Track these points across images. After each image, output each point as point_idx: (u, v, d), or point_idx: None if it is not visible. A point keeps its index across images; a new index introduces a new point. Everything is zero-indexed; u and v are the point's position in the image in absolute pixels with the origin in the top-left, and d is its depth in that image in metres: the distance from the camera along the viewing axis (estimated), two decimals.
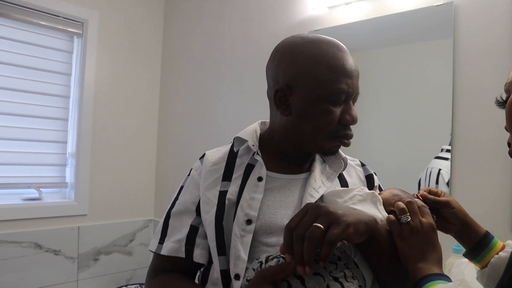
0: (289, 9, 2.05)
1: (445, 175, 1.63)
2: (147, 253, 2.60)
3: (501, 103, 0.65)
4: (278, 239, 0.76)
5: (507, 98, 0.63)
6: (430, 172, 1.68)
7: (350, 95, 0.79)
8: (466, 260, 1.20)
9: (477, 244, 0.78)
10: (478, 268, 0.79)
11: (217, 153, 0.89)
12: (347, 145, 0.82)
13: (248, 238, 0.76)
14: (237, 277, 0.74)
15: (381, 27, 1.74)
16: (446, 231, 0.80)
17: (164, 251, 0.82)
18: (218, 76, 2.37)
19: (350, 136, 0.81)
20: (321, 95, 0.76)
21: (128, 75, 2.56)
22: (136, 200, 2.60)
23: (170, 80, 2.67)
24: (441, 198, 0.79)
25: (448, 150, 1.64)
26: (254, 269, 0.69)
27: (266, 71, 0.86)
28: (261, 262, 0.69)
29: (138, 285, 2.36)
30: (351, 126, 0.81)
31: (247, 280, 0.69)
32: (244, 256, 0.74)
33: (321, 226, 0.60)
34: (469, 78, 1.51)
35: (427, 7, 1.61)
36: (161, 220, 0.87)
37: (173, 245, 0.81)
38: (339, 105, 0.78)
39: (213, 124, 2.38)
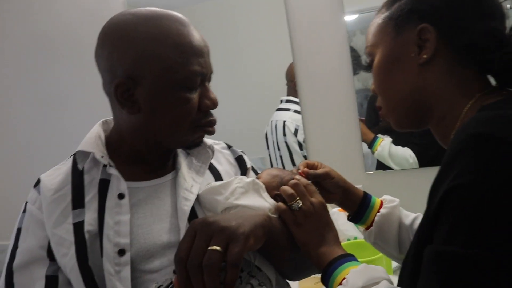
0: None
1: (290, 125, 1.70)
2: None
3: (367, 67, 0.64)
4: (161, 261, 0.65)
5: (371, 61, 0.63)
6: (276, 125, 1.72)
7: (205, 76, 0.69)
8: (336, 209, 1.28)
9: (358, 207, 0.80)
10: (363, 229, 0.82)
11: (56, 174, 0.70)
12: (211, 133, 0.73)
13: (126, 272, 0.62)
14: None
15: None
16: (329, 201, 0.79)
17: None
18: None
19: (214, 123, 0.73)
20: (173, 82, 0.65)
21: None
22: None
23: None
24: (320, 171, 0.78)
25: (288, 101, 1.70)
26: None
27: (96, 61, 0.69)
28: None
29: None
30: (211, 111, 0.72)
31: None
32: None
33: (219, 248, 0.51)
34: (304, 31, 1.58)
35: None
36: (1, 281, 0.65)
37: None
38: (195, 90, 0.68)
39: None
